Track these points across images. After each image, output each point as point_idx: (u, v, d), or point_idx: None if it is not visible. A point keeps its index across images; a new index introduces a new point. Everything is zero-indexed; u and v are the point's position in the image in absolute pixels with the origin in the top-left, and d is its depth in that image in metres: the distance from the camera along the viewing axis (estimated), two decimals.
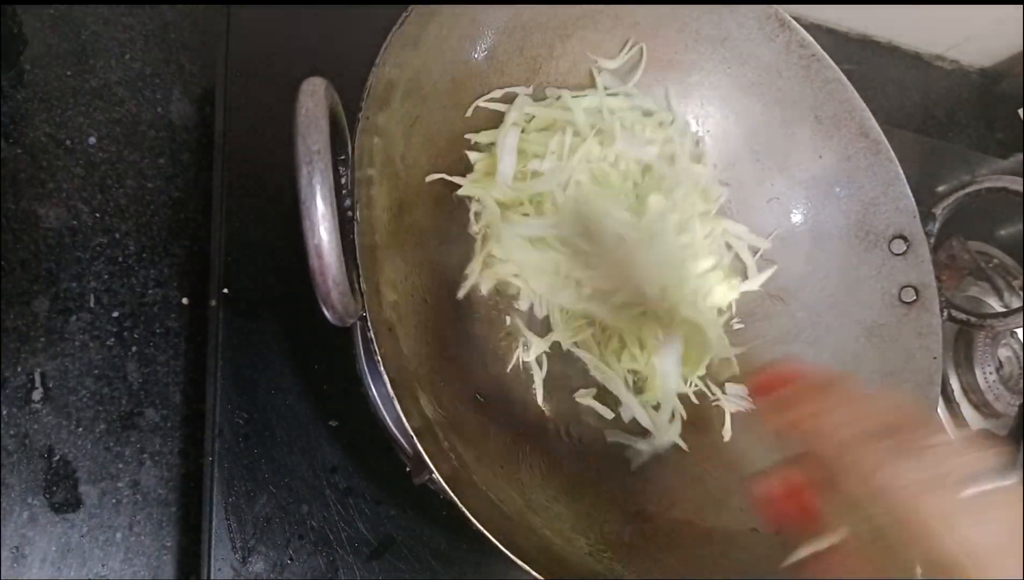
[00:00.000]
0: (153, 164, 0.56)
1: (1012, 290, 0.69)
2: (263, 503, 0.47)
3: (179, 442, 0.51)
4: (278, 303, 0.51)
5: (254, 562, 0.46)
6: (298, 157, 0.32)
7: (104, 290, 0.52)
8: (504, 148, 0.50)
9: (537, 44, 0.53)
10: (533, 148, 0.52)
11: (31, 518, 0.47)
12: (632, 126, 0.55)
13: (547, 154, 0.51)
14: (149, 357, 0.52)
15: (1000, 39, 0.88)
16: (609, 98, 0.55)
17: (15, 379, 0.48)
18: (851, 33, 0.87)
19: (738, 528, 0.50)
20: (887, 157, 0.55)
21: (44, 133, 0.54)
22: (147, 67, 0.58)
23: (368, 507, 0.49)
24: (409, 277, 0.47)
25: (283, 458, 0.48)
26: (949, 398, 0.67)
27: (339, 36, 0.57)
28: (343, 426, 0.50)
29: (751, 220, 0.59)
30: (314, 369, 0.51)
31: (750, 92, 0.57)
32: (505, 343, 0.52)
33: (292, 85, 0.34)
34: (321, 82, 0.34)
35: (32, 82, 0.54)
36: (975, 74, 0.93)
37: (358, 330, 0.47)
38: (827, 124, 0.56)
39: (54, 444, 0.48)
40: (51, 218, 0.52)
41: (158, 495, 0.49)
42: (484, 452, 0.45)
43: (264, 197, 0.52)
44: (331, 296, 0.33)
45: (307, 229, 0.32)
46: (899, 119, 0.87)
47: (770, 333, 0.57)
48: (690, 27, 0.55)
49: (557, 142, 0.52)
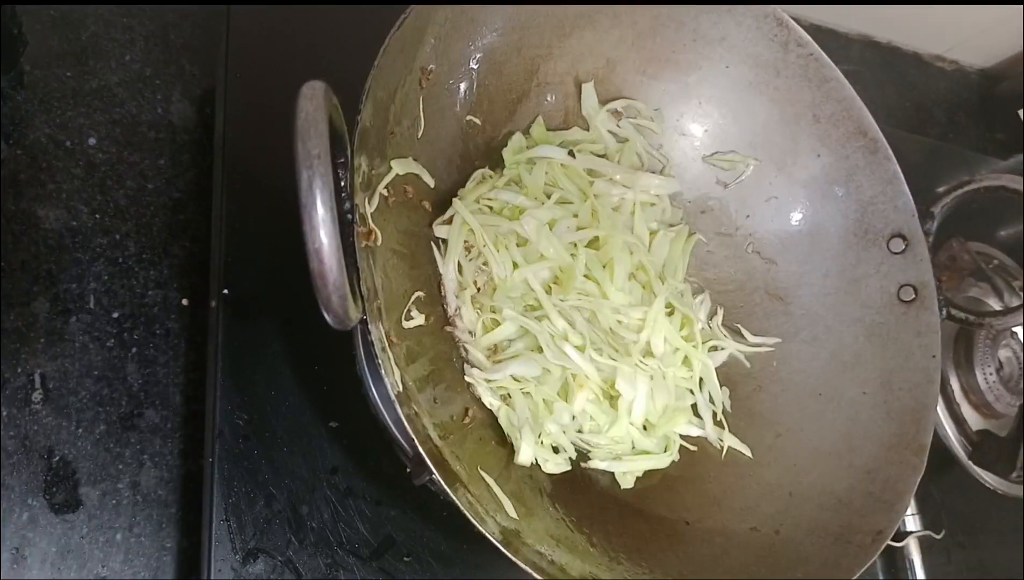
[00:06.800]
0: (153, 165, 0.56)
1: (1012, 290, 0.70)
2: (263, 504, 0.47)
3: (179, 443, 0.51)
4: (278, 304, 0.51)
5: (254, 563, 0.46)
6: (298, 161, 0.32)
7: (104, 291, 0.52)
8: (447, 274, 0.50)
9: (535, 44, 0.53)
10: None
11: (31, 519, 0.47)
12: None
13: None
14: (149, 358, 0.52)
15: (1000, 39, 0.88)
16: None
17: (15, 380, 0.48)
18: (851, 33, 0.87)
19: (738, 528, 0.50)
20: (885, 156, 0.55)
21: (44, 134, 0.54)
22: (147, 68, 0.58)
23: (368, 508, 0.49)
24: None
25: (283, 459, 0.49)
26: (949, 398, 0.67)
27: (339, 36, 0.57)
28: (343, 427, 0.50)
29: (751, 220, 0.59)
30: (314, 370, 0.51)
31: (748, 91, 0.57)
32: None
33: (292, 86, 0.34)
34: (320, 85, 0.34)
35: (32, 83, 0.54)
36: (975, 74, 0.93)
37: (358, 331, 0.47)
38: (825, 123, 0.56)
39: (54, 445, 0.48)
40: (51, 219, 0.52)
41: (158, 496, 0.50)
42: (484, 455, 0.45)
43: (264, 198, 0.52)
44: (331, 300, 0.33)
45: (307, 233, 0.32)
46: (899, 119, 0.87)
47: (769, 332, 0.58)
48: (688, 26, 0.55)
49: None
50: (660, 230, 0.57)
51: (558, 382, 0.49)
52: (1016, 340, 0.70)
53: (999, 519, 0.71)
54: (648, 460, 0.51)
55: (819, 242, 0.58)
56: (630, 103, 0.57)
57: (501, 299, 0.49)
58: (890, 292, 0.55)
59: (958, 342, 0.69)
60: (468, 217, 0.49)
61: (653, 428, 0.52)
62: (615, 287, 0.52)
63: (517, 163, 0.54)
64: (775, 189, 0.58)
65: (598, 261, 0.52)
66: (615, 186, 0.56)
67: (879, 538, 0.47)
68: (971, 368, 0.68)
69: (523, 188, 0.53)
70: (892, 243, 0.55)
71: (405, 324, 0.45)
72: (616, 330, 0.52)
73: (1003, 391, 0.67)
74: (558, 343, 0.48)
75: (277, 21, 0.57)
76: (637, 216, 0.56)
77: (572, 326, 0.50)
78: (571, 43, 0.55)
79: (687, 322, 0.55)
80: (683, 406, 0.53)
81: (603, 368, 0.49)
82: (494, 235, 0.50)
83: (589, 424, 0.50)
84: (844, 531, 0.49)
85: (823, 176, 0.57)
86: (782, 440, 0.54)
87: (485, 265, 0.50)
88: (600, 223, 0.53)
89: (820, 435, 0.53)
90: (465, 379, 0.48)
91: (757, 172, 0.58)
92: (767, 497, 0.51)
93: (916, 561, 0.64)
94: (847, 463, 0.52)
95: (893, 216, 0.55)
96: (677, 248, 0.57)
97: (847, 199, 0.57)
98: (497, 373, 0.48)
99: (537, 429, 0.48)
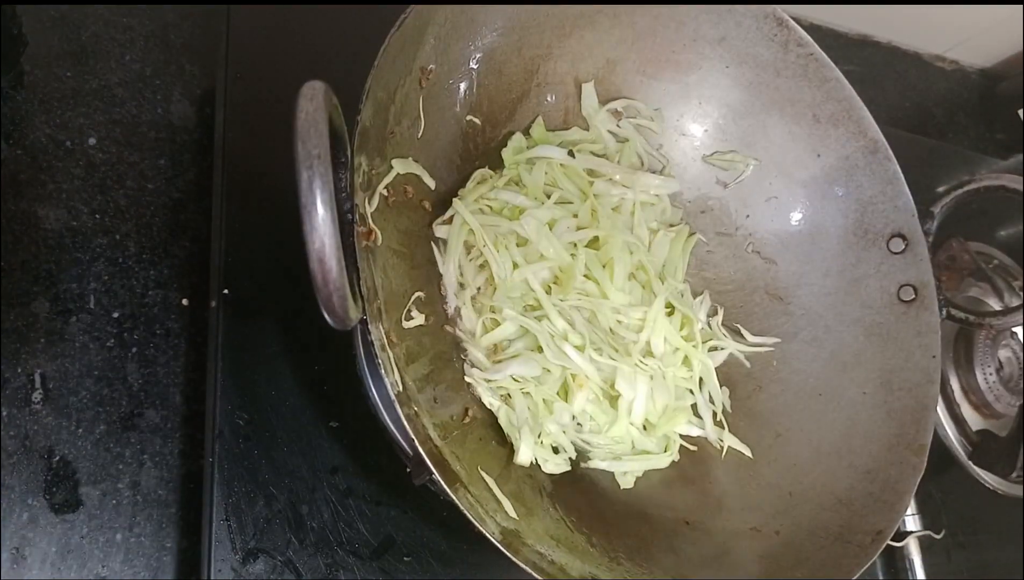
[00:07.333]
0: (153, 165, 0.56)
1: (1012, 291, 0.70)
2: (263, 504, 0.47)
3: (179, 443, 0.51)
4: (278, 304, 0.51)
5: (254, 563, 0.46)
6: (298, 161, 0.32)
7: (104, 291, 0.52)
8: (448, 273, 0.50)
9: (535, 44, 0.53)
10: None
11: (31, 519, 0.47)
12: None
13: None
14: (149, 358, 0.52)
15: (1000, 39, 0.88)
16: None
17: (15, 380, 0.48)
18: (851, 33, 0.87)
19: (738, 528, 0.50)
20: (885, 156, 0.55)
21: (44, 134, 0.54)
22: (147, 68, 0.58)
23: (368, 508, 0.49)
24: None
25: (283, 459, 0.49)
26: (949, 398, 0.67)
27: (339, 36, 0.57)
28: (343, 427, 0.50)
29: (751, 219, 0.59)
30: (314, 370, 0.51)
31: (748, 91, 0.57)
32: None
33: (292, 86, 0.34)
34: (320, 86, 0.34)
35: (32, 83, 0.54)
36: (975, 74, 0.93)
37: (358, 331, 0.47)
38: (825, 123, 0.56)
39: (54, 445, 0.48)
40: (51, 219, 0.52)
41: (158, 496, 0.50)
42: (484, 455, 0.45)
43: (264, 198, 0.52)
44: (332, 300, 0.33)
45: (307, 234, 0.32)
46: (899, 120, 0.87)
47: (769, 332, 0.58)
48: (688, 26, 0.55)
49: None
50: (660, 230, 0.57)
51: (558, 382, 0.49)
52: (1016, 340, 0.70)
53: (999, 519, 0.71)
54: (648, 460, 0.51)
55: (819, 242, 0.58)
56: (630, 103, 0.58)
57: (501, 299, 0.49)
58: (890, 292, 0.55)
59: (958, 342, 0.69)
60: (468, 217, 0.49)
61: (653, 428, 0.52)
62: (615, 287, 0.52)
63: (517, 163, 0.54)
64: (775, 189, 0.58)
65: (598, 261, 0.52)
66: (615, 186, 0.56)
67: (879, 538, 0.47)
68: (971, 368, 0.68)
69: (523, 188, 0.53)
70: (892, 243, 0.55)
71: (405, 324, 0.45)
72: (616, 330, 0.52)
73: (1003, 391, 0.67)
74: (558, 343, 0.48)
75: (277, 21, 0.57)
76: (637, 216, 0.56)
77: (572, 326, 0.50)
78: (571, 43, 0.55)
79: (687, 322, 0.55)
80: (683, 406, 0.53)
81: (603, 368, 0.49)
82: (494, 235, 0.50)
83: (589, 424, 0.50)
84: (844, 531, 0.49)
85: (823, 176, 0.57)
86: (782, 440, 0.54)
87: (485, 265, 0.50)
88: (600, 223, 0.53)
89: (820, 435, 0.53)
90: (465, 379, 0.48)
91: (757, 172, 0.58)
92: (767, 497, 0.51)
93: (916, 561, 0.64)
94: (847, 463, 0.52)
95: (893, 216, 0.55)
96: (677, 248, 0.57)
97: (847, 199, 0.57)
98: (497, 373, 0.48)
99: (537, 429, 0.48)
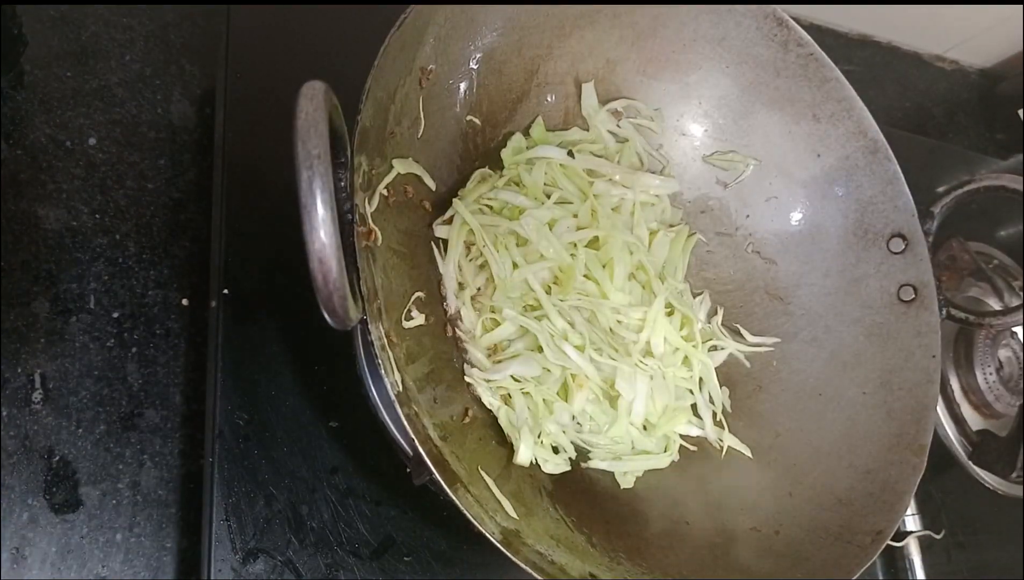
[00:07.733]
0: (153, 165, 0.56)
1: (1012, 291, 0.70)
2: (263, 504, 0.47)
3: (179, 443, 0.51)
4: (278, 304, 0.51)
5: (254, 563, 0.46)
6: (298, 161, 0.32)
7: (104, 291, 0.52)
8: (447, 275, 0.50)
9: (535, 44, 0.53)
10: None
11: (31, 519, 0.47)
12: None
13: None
14: (149, 358, 0.52)
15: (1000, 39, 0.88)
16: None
17: (15, 380, 0.48)
18: (851, 33, 0.87)
19: (738, 528, 0.50)
20: (885, 156, 0.55)
21: (44, 134, 0.54)
22: (147, 68, 0.58)
23: (368, 508, 0.49)
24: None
25: (283, 459, 0.49)
26: (949, 398, 0.67)
27: (339, 36, 0.57)
28: (343, 427, 0.50)
29: (751, 220, 0.59)
30: (314, 370, 0.51)
31: (748, 91, 0.57)
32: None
33: (292, 86, 0.34)
34: (320, 86, 0.34)
35: (32, 83, 0.54)
36: (975, 74, 0.93)
37: (359, 331, 0.47)
38: (825, 123, 0.56)
39: (54, 445, 0.48)
40: (51, 219, 0.52)
41: (158, 496, 0.50)
42: (484, 455, 0.45)
43: (264, 198, 0.52)
44: (332, 300, 0.33)
45: (307, 234, 0.32)
46: (899, 120, 0.87)
47: (769, 332, 0.58)
48: (688, 26, 0.55)
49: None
50: (660, 230, 0.57)
51: (558, 382, 0.49)
52: (1016, 340, 0.70)
53: (999, 519, 0.71)
54: (648, 460, 0.51)
55: (819, 242, 0.58)
56: (630, 103, 0.58)
57: (501, 299, 0.49)
58: (890, 292, 0.55)
59: (958, 342, 0.69)
60: (468, 217, 0.49)
61: (653, 428, 0.52)
62: (615, 287, 0.52)
63: (517, 163, 0.54)
64: (775, 189, 0.58)
65: (598, 261, 0.52)
66: (615, 186, 0.56)
67: (879, 538, 0.47)
68: (971, 368, 0.68)
69: (523, 188, 0.53)
70: (892, 243, 0.55)
71: (405, 324, 0.45)
72: (616, 330, 0.52)
73: (1003, 391, 0.67)
74: (558, 343, 0.48)
75: (277, 21, 0.57)
76: (637, 216, 0.56)
77: (572, 326, 0.50)
78: (571, 43, 0.55)
79: (687, 322, 0.55)
80: (683, 406, 0.53)
81: (603, 368, 0.49)
82: (494, 235, 0.50)
83: (589, 424, 0.50)
84: (844, 531, 0.49)
85: (823, 176, 0.57)
86: (782, 440, 0.54)
87: (485, 265, 0.50)
88: (600, 223, 0.53)
89: (820, 435, 0.53)
90: (465, 379, 0.48)
91: (757, 172, 0.58)
92: (767, 497, 0.51)
93: (916, 561, 0.64)
94: (847, 463, 0.52)
95: (893, 216, 0.55)
96: (677, 248, 0.57)
97: (847, 199, 0.57)
98: (497, 373, 0.48)
99: (537, 429, 0.48)
